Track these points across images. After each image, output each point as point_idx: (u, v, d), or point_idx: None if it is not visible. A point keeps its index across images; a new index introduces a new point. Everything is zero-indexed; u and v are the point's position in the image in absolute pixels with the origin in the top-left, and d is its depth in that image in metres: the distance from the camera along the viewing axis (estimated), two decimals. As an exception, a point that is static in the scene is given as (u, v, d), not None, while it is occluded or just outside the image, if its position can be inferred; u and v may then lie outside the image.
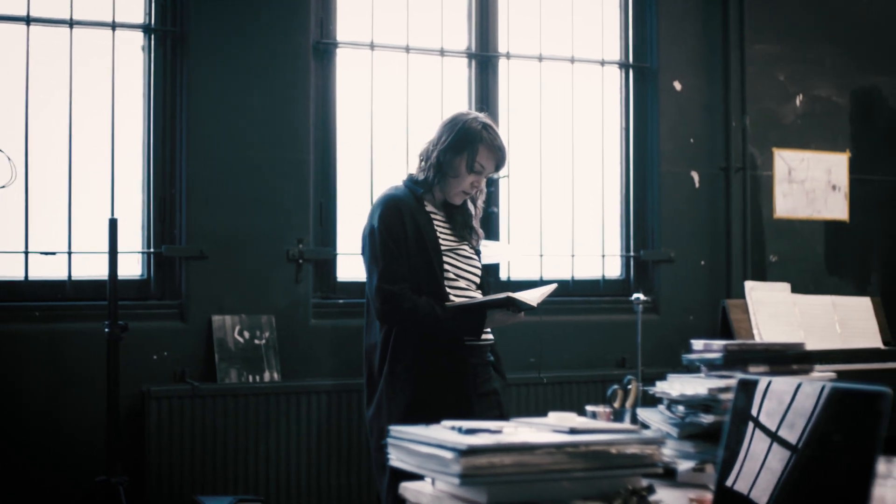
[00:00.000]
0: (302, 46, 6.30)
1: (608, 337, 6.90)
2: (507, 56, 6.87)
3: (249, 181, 6.15)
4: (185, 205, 6.04)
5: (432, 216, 4.65)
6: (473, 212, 4.76)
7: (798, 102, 7.56)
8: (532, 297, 4.46)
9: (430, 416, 3.07)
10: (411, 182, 4.66)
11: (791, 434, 2.32)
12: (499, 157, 4.62)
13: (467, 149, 4.57)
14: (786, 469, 2.30)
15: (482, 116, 4.68)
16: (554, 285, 4.69)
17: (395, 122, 6.63)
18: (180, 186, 6.06)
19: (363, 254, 4.61)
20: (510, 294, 4.46)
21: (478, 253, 4.81)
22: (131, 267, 6.06)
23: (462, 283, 4.64)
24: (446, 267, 4.58)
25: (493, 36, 6.86)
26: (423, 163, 4.66)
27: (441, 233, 4.64)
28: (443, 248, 4.59)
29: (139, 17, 6.10)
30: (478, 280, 4.76)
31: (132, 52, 6.11)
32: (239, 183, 6.13)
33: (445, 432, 2.62)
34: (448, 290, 4.56)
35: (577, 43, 7.11)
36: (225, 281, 6.09)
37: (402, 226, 4.48)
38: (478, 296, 4.70)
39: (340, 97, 6.49)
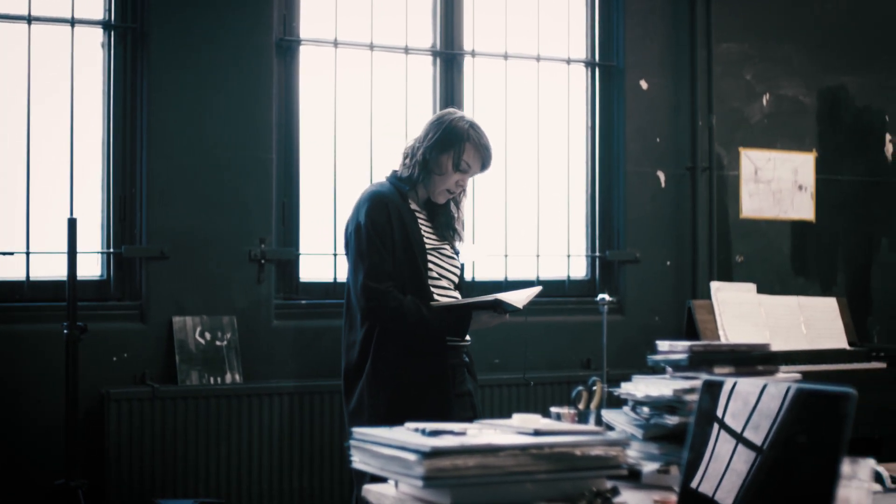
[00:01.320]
0: (265, 44, 6.25)
1: (573, 338, 6.88)
2: (473, 54, 6.84)
3: (211, 180, 6.10)
4: (146, 204, 5.98)
5: (416, 214, 4.65)
6: (456, 214, 4.77)
7: (764, 102, 7.56)
8: (518, 298, 4.49)
9: (412, 416, 3.06)
10: (396, 179, 4.64)
11: (756, 435, 2.33)
12: (485, 156, 4.64)
13: (454, 147, 4.58)
14: (751, 470, 2.30)
15: (468, 116, 4.69)
16: (539, 287, 4.72)
17: (359, 121, 6.59)
18: (140, 186, 6.00)
19: (347, 250, 4.58)
20: (498, 296, 4.48)
21: (457, 253, 4.81)
22: (90, 267, 6.00)
23: (444, 283, 4.64)
24: (430, 266, 4.59)
25: (458, 34, 6.83)
26: (407, 160, 4.65)
27: (424, 232, 4.63)
28: (427, 246, 4.60)
29: (99, 13, 6.04)
30: (457, 280, 4.77)
31: (92, 49, 6.05)
32: (200, 182, 6.08)
33: (409, 434, 2.60)
34: (431, 289, 4.56)
35: (542, 41, 7.08)
36: (186, 281, 6.04)
37: (388, 223, 4.46)
38: (458, 296, 4.71)
39: (304, 95, 6.45)
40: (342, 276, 6.49)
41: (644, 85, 7.18)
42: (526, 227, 7.00)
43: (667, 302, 7.20)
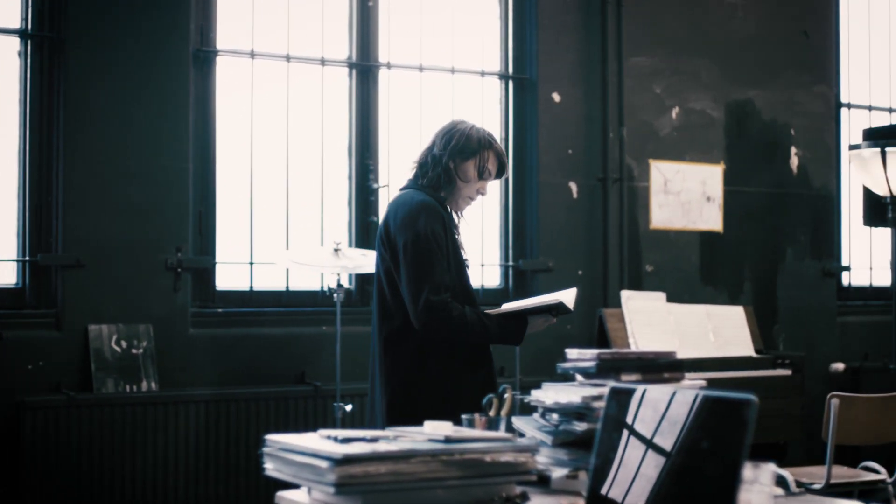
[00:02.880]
0: (181, 54, 6.27)
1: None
2: (388, 66, 6.90)
3: (127, 189, 6.10)
4: (62, 212, 5.97)
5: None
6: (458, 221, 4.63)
7: (674, 115, 7.68)
8: (570, 299, 4.38)
9: (460, 410, 3.08)
10: (427, 189, 4.46)
11: (665, 441, 2.36)
12: (503, 162, 4.55)
13: (478, 154, 4.46)
14: (660, 476, 2.34)
15: (478, 125, 4.59)
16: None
17: (275, 131, 6.62)
18: (57, 194, 5.99)
19: (399, 261, 4.28)
20: (560, 298, 4.35)
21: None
22: (6, 275, 5.99)
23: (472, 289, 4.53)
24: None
25: (373, 46, 6.88)
26: (429, 170, 4.47)
27: None
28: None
29: (16, 22, 6.03)
30: None
31: (8, 57, 6.03)
32: (117, 191, 6.08)
33: (321, 441, 2.62)
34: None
35: (457, 54, 7.15)
36: (102, 290, 6.03)
37: (444, 234, 4.31)
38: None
39: (221, 105, 6.47)
40: (259, 284, 6.52)
41: (556, 97, 7.27)
42: (440, 236, 7.04)
43: (579, 310, 7.27)
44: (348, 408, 5.97)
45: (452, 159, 4.43)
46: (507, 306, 4.47)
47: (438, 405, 4.00)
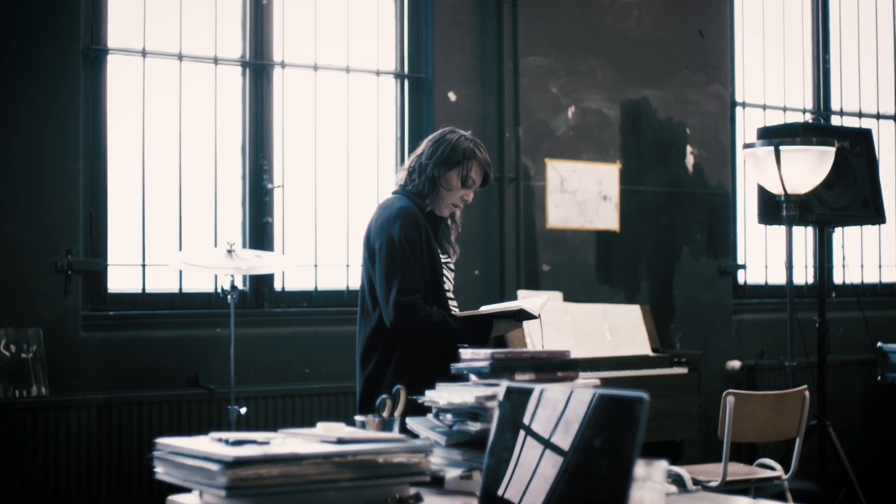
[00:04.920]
0: (71, 52, 6.17)
1: (384, 347, 6.90)
2: (282, 65, 6.85)
3: (15, 190, 6.00)
4: (-52, 214, 5.86)
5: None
6: (451, 226, 4.86)
7: (570, 114, 7.70)
8: (535, 305, 4.60)
9: None
10: (413, 195, 4.70)
11: (563, 441, 2.37)
12: (487, 171, 4.76)
13: (462, 163, 4.68)
14: (557, 475, 2.34)
15: (469, 134, 4.78)
16: (553, 293, 4.79)
17: (167, 131, 6.55)
18: (-58, 195, 5.88)
19: (375, 263, 4.56)
20: (520, 304, 4.63)
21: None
22: None
23: (451, 295, 4.75)
24: (443, 279, 4.69)
25: (267, 44, 6.83)
26: (415, 176, 4.71)
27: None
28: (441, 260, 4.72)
29: None
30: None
31: None
32: (4, 192, 5.97)
33: (212, 444, 2.59)
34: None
35: (352, 53, 7.12)
36: (-10, 293, 5.93)
37: (419, 239, 4.55)
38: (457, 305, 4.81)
39: (112, 104, 6.38)
40: (151, 286, 6.44)
41: (452, 97, 7.26)
42: (337, 236, 7.02)
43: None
44: (243, 410, 5.91)
45: (437, 168, 4.68)
46: (483, 309, 4.71)
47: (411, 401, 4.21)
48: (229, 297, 5.88)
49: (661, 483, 2.28)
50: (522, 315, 4.64)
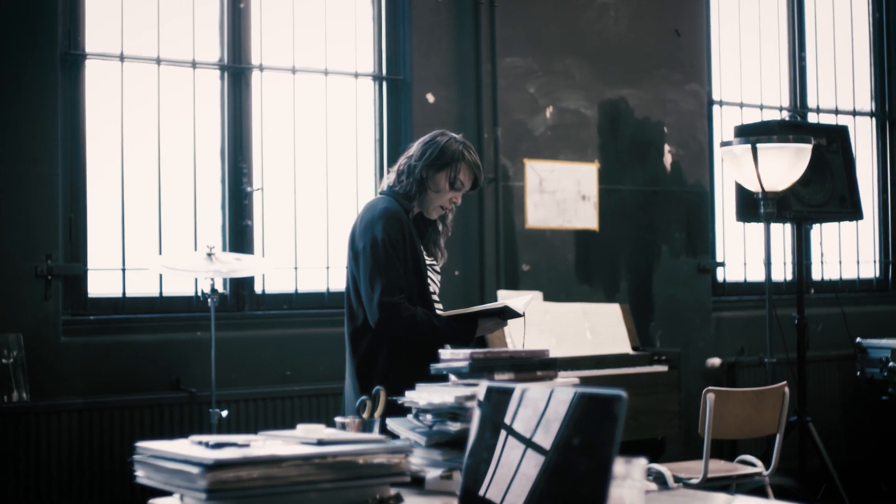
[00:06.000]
0: (49, 57, 6.16)
1: (364, 348, 6.89)
2: (261, 68, 6.85)
3: (-6, 196, 5.99)
4: (-73, 221, 5.85)
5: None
6: (441, 229, 4.88)
7: (548, 114, 7.72)
8: (519, 304, 4.59)
9: None
10: (399, 196, 4.69)
11: (544, 440, 2.37)
12: (477, 174, 4.75)
13: (450, 166, 4.68)
14: (539, 474, 2.35)
15: (460, 137, 4.78)
16: (537, 293, 4.79)
17: (146, 135, 6.54)
18: (-79, 202, 5.87)
19: (359, 264, 4.57)
20: (505, 302, 4.62)
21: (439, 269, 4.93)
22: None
23: (436, 297, 4.75)
24: (428, 281, 4.69)
25: (245, 48, 6.83)
26: (404, 178, 4.71)
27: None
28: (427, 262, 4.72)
29: None
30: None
31: None
32: (-17, 198, 5.97)
33: (192, 447, 2.60)
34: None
35: (330, 55, 7.12)
36: (-30, 299, 5.92)
37: (402, 239, 4.54)
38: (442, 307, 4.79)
39: (90, 109, 6.37)
40: (132, 290, 6.44)
41: (430, 98, 7.27)
42: (315, 239, 7.02)
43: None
44: (224, 413, 5.92)
45: (425, 169, 4.68)
46: (470, 310, 4.72)
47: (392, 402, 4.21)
48: (209, 300, 5.88)
49: (641, 480, 2.30)
50: (507, 313, 4.64)
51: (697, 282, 8.32)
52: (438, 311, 4.66)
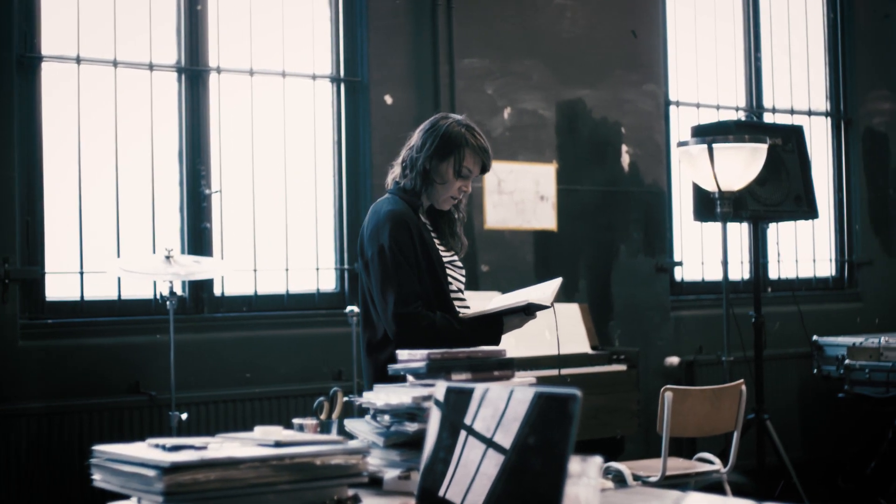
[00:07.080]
0: (4, 60, 6.13)
1: (324, 350, 6.91)
2: (218, 70, 6.84)
3: (-50, 199, 5.97)
4: None
5: (428, 228, 4.45)
6: (457, 217, 4.54)
7: (506, 115, 7.74)
8: (545, 296, 4.32)
9: None
10: (405, 193, 4.40)
11: (505, 439, 2.38)
12: (484, 158, 4.42)
13: (453, 154, 4.35)
14: (499, 474, 2.36)
15: (463, 119, 4.46)
16: (560, 279, 4.50)
17: (103, 137, 6.52)
18: None
19: (370, 275, 4.31)
20: (528, 298, 4.31)
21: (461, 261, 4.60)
22: None
23: (460, 294, 4.46)
24: (449, 279, 4.40)
25: (202, 50, 6.82)
26: (408, 171, 4.40)
27: (437, 245, 4.45)
28: (444, 260, 4.41)
29: None
30: (464, 288, 4.57)
31: None
32: (-61, 202, 5.94)
33: (149, 450, 2.59)
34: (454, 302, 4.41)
35: (288, 57, 7.12)
36: (-74, 303, 5.89)
37: (411, 242, 4.26)
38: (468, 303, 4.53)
39: (46, 112, 6.35)
40: (90, 293, 6.42)
41: (389, 100, 7.28)
42: (275, 241, 7.02)
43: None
44: (184, 416, 5.91)
45: (428, 161, 4.36)
46: (491, 306, 4.41)
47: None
48: (168, 303, 5.87)
49: (596, 479, 2.31)
50: (533, 307, 4.34)
51: (656, 281, 8.36)
52: (463, 310, 4.40)
